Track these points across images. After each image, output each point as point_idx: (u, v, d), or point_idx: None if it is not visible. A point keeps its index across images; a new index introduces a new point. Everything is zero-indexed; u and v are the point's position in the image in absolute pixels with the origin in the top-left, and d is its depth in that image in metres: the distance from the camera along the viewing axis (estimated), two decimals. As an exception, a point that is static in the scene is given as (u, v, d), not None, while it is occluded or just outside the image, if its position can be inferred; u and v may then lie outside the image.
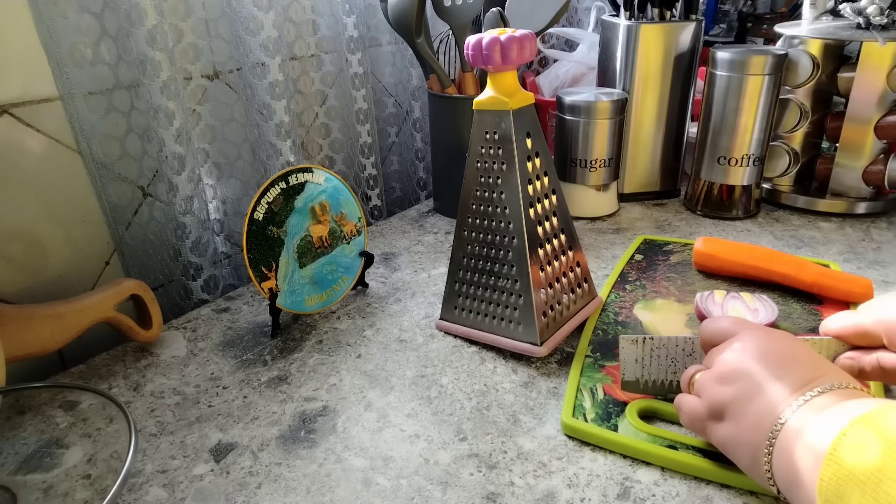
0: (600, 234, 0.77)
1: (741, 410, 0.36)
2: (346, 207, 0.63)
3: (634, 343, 0.44)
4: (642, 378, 0.45)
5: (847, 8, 0.75)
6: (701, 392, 0.39)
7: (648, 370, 0.45)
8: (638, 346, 0.44)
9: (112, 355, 0.57)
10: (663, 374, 0.44)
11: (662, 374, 0.45)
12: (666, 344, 0.44)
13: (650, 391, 0.46)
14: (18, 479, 0.41)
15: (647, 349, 0.44)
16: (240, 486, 0.42)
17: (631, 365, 0.45)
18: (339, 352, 0.56)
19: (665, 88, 0.81)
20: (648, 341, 0.44)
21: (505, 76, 0.50)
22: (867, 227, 0.76)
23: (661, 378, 0.45)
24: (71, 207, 0.58)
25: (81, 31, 0.55)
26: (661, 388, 0.45)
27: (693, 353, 0.44)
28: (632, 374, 0.45)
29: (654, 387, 0.45)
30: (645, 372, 0.45)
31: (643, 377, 0.45)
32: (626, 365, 0.45)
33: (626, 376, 0.45)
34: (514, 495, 0.40)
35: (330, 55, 0.79)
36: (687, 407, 0.40)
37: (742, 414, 0.36)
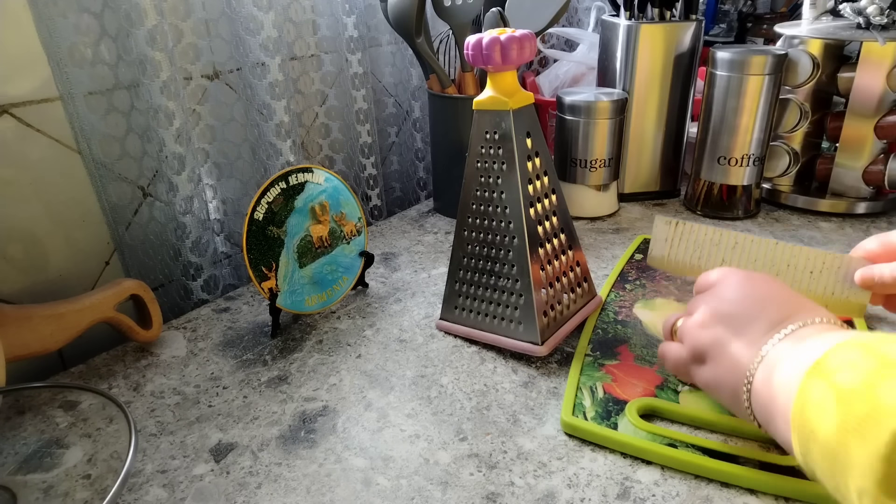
0: (600, 234, 0.77)
1: (721, 352, 0.37)
2: (346, 207, 0.63)
3: (668, 224, 0.47)
4: (668, 256, 0.47)
5: (847, 8, 0.75)
6: (683, 338, 0.41)
7: (675, 250, 0.47)
8: (670, 227, 0.47)
9: (112, 355, 0.57)
10: (688, 256, 0.47)
11: (687, 257, 0.47)
12: (696, 230, 0.46)
13: (671, 269, 0.48)
14: (18, 479, 0.41)
15: (679, 231, 0.46)
16: (240, 486, 0.42)
17: (660, 242, 0.47)
18: (339, 352, 0.56)
19: (665, 88, 0.81)
20: (680, 224, 0.46)
21: (505, 76, 0.50)
22: (867, 227, 0.76)
23: (685, 260, 0.47)
24: (71, 207, 0.58)
25: (81, 31, 0.55)
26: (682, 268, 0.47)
27: (719, 243, 0.46)
28: (659, 250, 0.47)
29: (677, 266, 0.47)
30: (672, 251, 0.47)
31: (669, 255, 0.47)
32: (656, 242, 0.47)
33: (653, 251, 0.48)
34: (514, 495, 0.40)
35: (330, 55, 0.79)
36: (671, 354, 0.42)
37: (721, 355, 0.37)
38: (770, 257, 0.45)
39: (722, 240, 0.45)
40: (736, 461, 0.40)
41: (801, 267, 0.44)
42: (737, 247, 0.45)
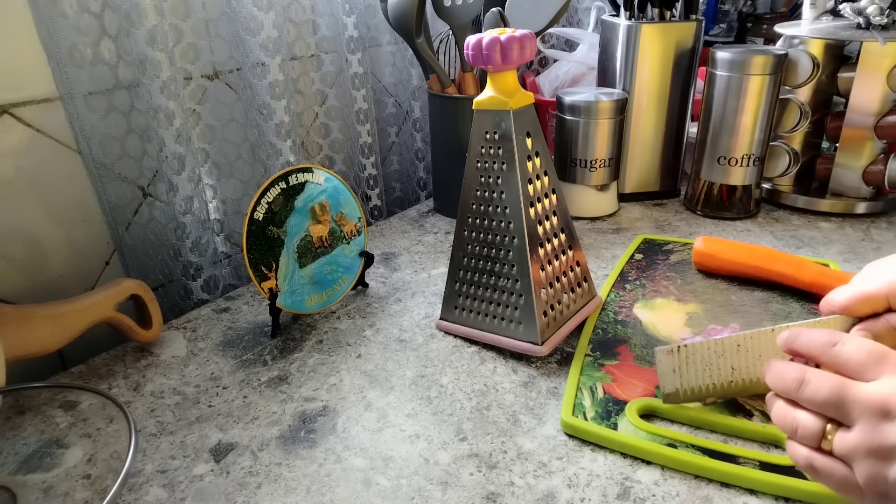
0: (600, 234, 0.77)
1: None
2: (346, 207, 0.63)
3: (670, 353, 0.44)
4: (681, 387, 0.45)
5: (847, 8, 0.75)
6: (852, 461, 0.31)
7: (686, 378, 0.45)
8: (674, 356, 0.44)
9: (112, 355, 0.57)
10: (700, 379, 0.44)
11: (699, 381, 0.44)
12: (699, 349, 0.44)
13: (690, 399, 0.45)
14: (18, 479, 0.41)
15: (683, 357, 0.44)
16: (240, 486, 0.42)
17: (669, 376, 0.45)
18: (339, 352, 0.56)
19: (665, 88, 0.81)
20: (683, 349, 0.44)
21: (505, 76, 0.50)
22: (867, 227, 0.76)
23: (698, 384, 0.45)
24: (71, 207, 0.58)
25: (81, 31, 0.55)
26: (699, 393, 0.45)
27: (724, 353, 0.44)
28: (671, 385, 0.45)
29: (693, 394, 0.45)
30: (683, 381, 0.45)
31: (682, 386, 0.45)
32: (665, 377, 0.45)
33: (666, 388, 0.45)
34: (514, 495, 0.40)
35: (330, 55, 0.79)
36: (838, 479, 0.32)
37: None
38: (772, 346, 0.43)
39: (725, 349, 0.44)
40: (736, 461, 0.40)
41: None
42: (741, 349, 0.43)
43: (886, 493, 0.30)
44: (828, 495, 0.38)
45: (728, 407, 0.45)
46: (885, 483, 0.29)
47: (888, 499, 0.30)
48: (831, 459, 0.32)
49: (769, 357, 0.43)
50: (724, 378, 0.44)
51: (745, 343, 0.43)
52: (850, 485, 0.31)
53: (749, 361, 0.44)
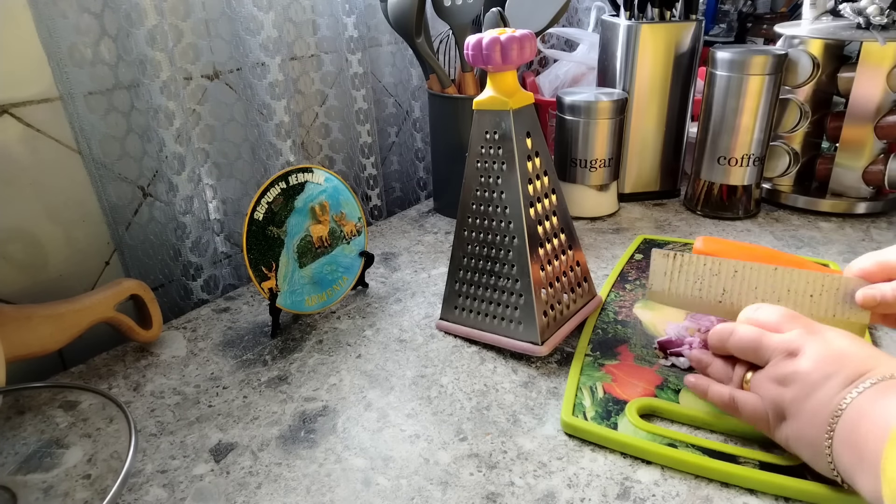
0: (600, 234, 0.77)
1: (799, 409, 0.37)
2: (346, 207, 0.63)
3: (665, 257, 0.46)
4: (668, 289, 0.47)
5: (847, 8, 0.75)
6: (759, 391, 0.40)
7: (676, 283, 0.47)
8: (668, 260, 0.46)
9: (112, 355, 0.57)
10: (688, 289, 0.47)
11: (688, 290, 0.47)
12: (695, 262, 0.46)
13: (672, 303, 0.47)
14: (18, 479, 0.41)
15: (677, 264, 0.46)
16: (240, 486, 0.42)
17: (660, 277, 0.47)
18: (339, 352, 0.56)
19: (665, 88, 0.81)
20: (679, 256, 0.46)
21: (505, 76, 0.50)
22: (867, 227, 0.76)
23: (685, 293, 0.47)
24: (71, 207, 0.58)
25: (81, 31, 0.55)
26: (684, 301, 0.47)
27: (719, 273, 0.46)
28: (659, 285, 0.47)
29: (678, 300, 0.47)
30: (672, 285, 0.47)
31: (669, 289, 0.47)
32: (655, 276, 0.47)
33: (653, 286, 0.47)
34: (514, 495, 0.40)
35: (330, 55, 0.79)
36: (749, 406, 0.41)
37: (800, 411, 0.37)
38: (770, 283, 0.45)
39: (721, 269, 0.46)
40: (736, 461, 0.40)
41: (801, 291, 0.44)
42: (736, 275, 0.45)
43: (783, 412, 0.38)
44: (828, 496, 0.38)
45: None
46: (782, 402, 0.38)
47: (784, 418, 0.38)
48: (747, 392, 0.41)
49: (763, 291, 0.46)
50: (712, 296, 0.46)
51: (742, 271, 0.46)
52: (759, 411, 0.40)
53: (742, 289, 0.46)
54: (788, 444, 0.39)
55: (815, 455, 0.37)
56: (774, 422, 0.39)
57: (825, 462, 0.36)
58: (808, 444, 0.37)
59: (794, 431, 0.38)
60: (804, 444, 0.37)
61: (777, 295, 0.45)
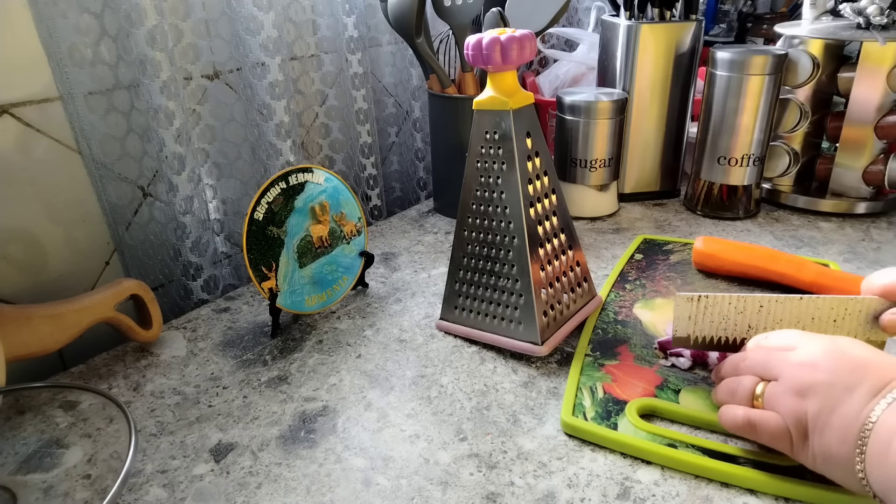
0: (600, 234, 0.77)
1: (826, 423, 0.35)
2: (346, 207, 0.63)
3: (689, 301, 0.45)
4: (693, 334, 0.46)
5: (847, 8, 0.75)
6: (777, 406, 0.38)
7: (700, 326, 0.46)
8: (693, 303, 0.45)
9: (112, 355, 0.57)
10: (713, 331, 0.46)
11: (713, 331, 0.46)
12: (720, 302, 0.45)
13: (699, 346, 0.47)
14: (18, 479, 0.41)
15: (701, 306, 0.45)
16: (240, 486, 0.42)
17: (684, 321, 0.46)
18: (339, 352, 0.56)
19: (665, 88, 0.81)
20: (703, 299, 0.45)
21: (505, 76, 0.50)
22: (867, 227, 0.76)
23: (711, 334, 0.46)
24: (71, 207, 0.58)
25: (81, 31, 0.55)
26: (710, 344, 0.46)
27: (744, 311, 0.45)
28: (684, 330, 0.46)
29: (704, 343, 0.46)
30: (696, 328, 0.46)
31: (694, 333, 0.46)
32: (679, 321, 0.46)
33: (678, 332, 0.46)
34: (514, 495, 0.40)
35: (330, 55, 0.79)
36: (769, 425, 0.38)
37: (827, 426, 0.35)
38: (795, 314, 0.44)
39: (746, 306, 0.44)
40: (736, 461, 0.40)
41: (826, 318, 0.44)
42: (762, 310, 0.44)
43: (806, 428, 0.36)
44: (828, 496, 0.38)
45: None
46: (804, 416, 0.36)
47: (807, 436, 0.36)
48: (765, 411, 0.39)
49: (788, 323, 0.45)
50: (738, 334, 0.46)
51: (767, 305, 0.45)
52: (780, 429, 0.37)
53: (768, 324, 0.45)
54: (816, 465, 0.36)
55: (846, 474, 0.34)
56: (798, 440, 0.37)
57: (857, 481, 0.34)
58: (839, 464, 0.35)
59: (821, 450, 0.35)
60: (834, 463, 0.35)
61: (802, 324, 0.44)
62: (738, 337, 0.45)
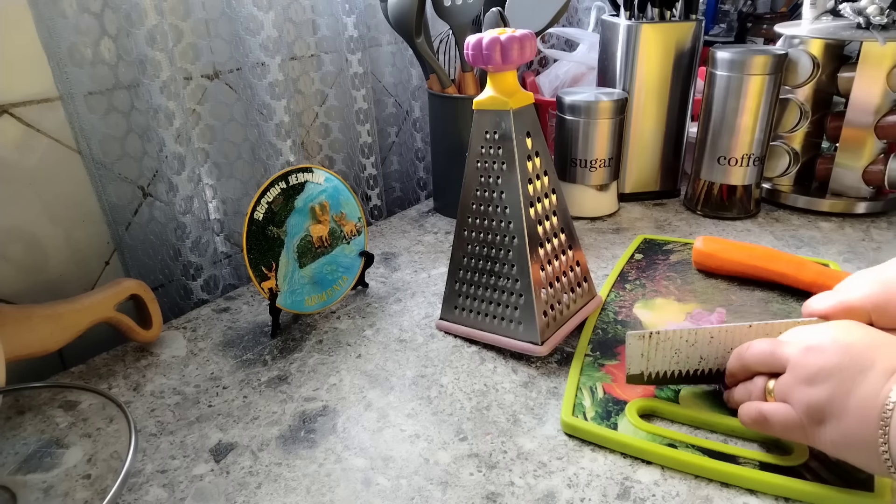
0: (600, 234, 0.77)
1: (842, 407, 0.34)
2: (346, 207, 0.63)
3: (641, 339, 0.45)
4: (646, 370, 0.46)
5: (847, 8, 0.75)
6: (788, 398, 0.38)
7: (653, 363, 0.45)
8: (644, 341, 0.45)
9: (112, 355, 0.57)
10: (666, 365, 0.45)
11: (666, 366, 0.45)
12: (671, 337, 0.45)
13: (653, 382, 0.46)
14: (18, 479, 0.41)
15: (653, 343, 0.45)
16: (240, 486, 0.42)
17: (636, 359, 0.45)
18: (339, 352, 0.56)
19: (665, 88, 0.81)
20: (654, 336, 0.45)
21: (505, 76, 0.50)
22: (867, 227, 0.76)
23: (664, 369, 0.46)
24: (71, 207, 0.58)
25: (81, 31, 0.55)
26: (664, 378, 0.46)
27: (696, 343, 0.45)
28: (637, 367, 0.46)
29: (657, 378, 0.46)
30: (650, 365, 0.46)
31: (647, 370, 0.46)
32: (632, 360, 0.46)
33: (631, 370, 0.46)
34: (514, 495, 0.40)
35: (330, 55, 0.79)
36: (779, 416, 0.38)
37: (843, 411, 0.34)
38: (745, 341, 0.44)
39: (697, 338, 0.44)
40: (736, 461, 0.40)
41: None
42: (713, 340, 0.44)
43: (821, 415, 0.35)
44: (828, 496, 0.38)
45: (729, 407, 0.45)
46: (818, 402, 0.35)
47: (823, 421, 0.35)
48: (774, 403, 0.39)
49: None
50: (690, 366, 0.46)
51: (718, 335, 0.45)
52: (791, 419, 0.37)
53: (719, 353, 0.45)
54: (836, 450, 0.36)
55: (869, 457, 0.34)
56: (812, 427, 0.36)
57: (881, 463, 0.33)
58: (860, 447, 0.34)
59: (840, 435, 0.35)
60: (855, 447, 0.34)
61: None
62: (690, 369, 0.45)
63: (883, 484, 0.38)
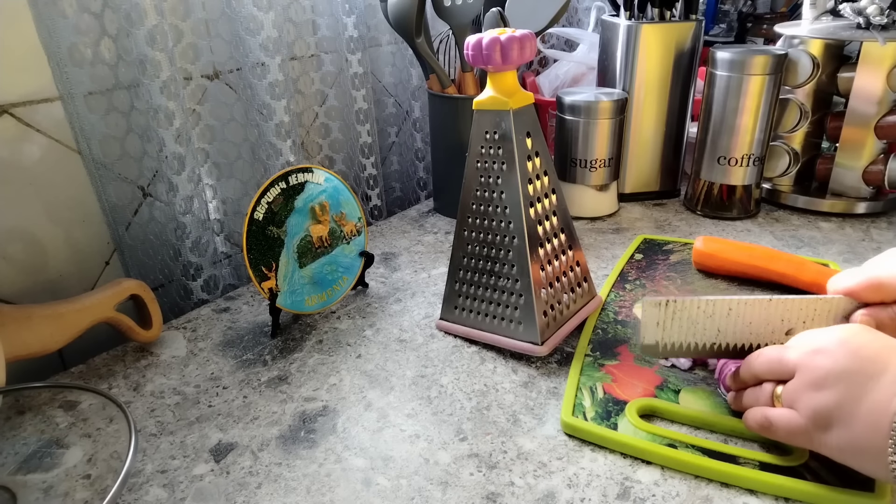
0: (600, 234, 0.77)
1: (851, 413, 0.34)
2: (346, 207, 0.63)
3: (657, 306, 0.43)
4: (662, 341, 0.44)
5: (847, 8, 0.75)
6: (794, 403, 0.37)
7: (669, 333, 0.43)
8: (661, 308, 0.43)
9: (112, 355, 0.57)
10: (682, 336, 0.43)
11: (682, 337, 0.43)
12: (688, 306, 0.43)
13: (668, 354, 0.45)
14: (18, 479, 0.41)
15: (670, 311, 0.43)
16: (240, 486, 0.42)
17: (651, 328, 0.43)
18: (339, 352, 0.56)
19: (665, 88, 0.81)
20: (671, 303, 0.42)
21: (505, 76, 0.50)
22: (867, 227, 0.76)
23: (680, 340, 0.43)
24: (71, 207, 0.58)
25: (81, 31, 0.55)
26: (679, 350, 0.44)
27: (713, 315, 0.43)
28: (652, 337, 0.43)
29: (673, 349, 0.44)
30: (665, 335, 0.43)
31: (663, 340, 0.43)
32: (647, 328, 0.43)
33: (646, 339, 0.44)
34: (514, 495, 0.40)
35: (330, 55, 0.79)
36: (784, 421, 0.38)
37: (853, 417, 0.34)
38: (765, 316, 0.43)
39: (715, 310, 0.43)
40: (736, 461, 0.40)
41: (795, 319, 0.43)
42: (731, 313, 0.43)
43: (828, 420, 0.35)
44: (828, 496, 0.38)
45: (728, 407, 0.45)
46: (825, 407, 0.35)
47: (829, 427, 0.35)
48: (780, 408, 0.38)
49: (758, 326, 0.43)
50: (707, 339, 0.44)
51: (736, 308, 0.43)
52: (796, 424, 0.37)
53: (737, 326, 0.43)
54: (842, 456, 0.36)
55: (876, 465, 0.34)
56: (817, 433, 0.36)
57: (888, 472, 0.32)
58: (868, 454, 0.34)
59: (847, 441, 0.34)
60: (863, 454, 0.34)
61: (771, 326, 0.43)
62: (706, 342, 0.44)
63: (883, 484, 0.38)
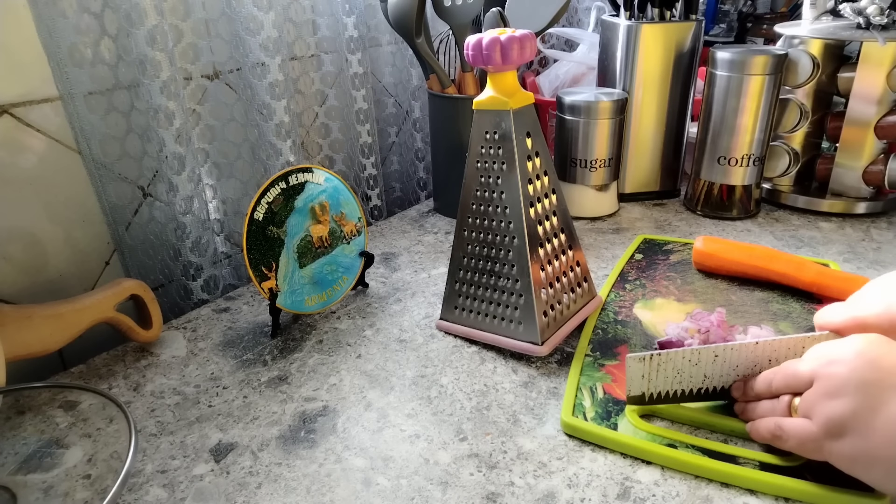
0: (600, 234, 0.77)
1: (867, 423, 0.33)
2: (346, 207, 0.63)
3: (641, 361, 0.44)
4: (648, 391, 0.45)
5: (847, 8, 0.75)
6: (810, 412, 0.37)
7: (655, 383, 0.44)
8: (645, 363, 0.44)
9: (112, 355, 0.57)
10: (668, 385, 0.45)
11: (668, 386, 0.45)
12: (673, 358, 0.44)
13: (654, 402, 0.45)
14: (18, 479, 0.41)
15: (655, 364, 0.44)
16: (240, 486, 0.42)
17: (637, 381, 0.45)
18: (339, 352, 0.56)
19: (665, 88, 0.81)
20: (655, 357, 0.44)
21: (505, 76, 0.50)
22: (867, 227, 0.76)
23: (666, 389, 0.45)
24: (71, 207, 0.58)
25: (81, 31, 0.55)
26: (666, 398, 0.45)
27: (699, 363, 0.44)
28: (638, 389, 0.45)
29: (660, 398, 0.45)
30: (651, 385, 0.45)
31: (649, 390, 0.45)
32: (633, 381, 0.45)
33: (632, 391, 0.45)
34: (514, 495, 0.40)
35: (330, 55, 0.79)
36: (796, 430, 0.37)
37: (868, 427, 0.33)
38: (751, 358, 0.43)
39: (701, 358, 0.44)
40: (736, 461, 0.40)
41: (783, 358, 0.43)
42: (717, 360, 0.43)
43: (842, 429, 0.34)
44: (828, 496, 0.38)
45: (728, 408, 0.45)
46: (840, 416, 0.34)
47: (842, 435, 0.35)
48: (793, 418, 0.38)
49: (744, 368, 0.44)
50: (694, 384, 0.45)
51: (722, 354, 0.43)
52: (807, 433, 0.36)
53: (724, 371, 0.44)
54: (852, 466, 0.35)
55: (886, 478, 0.33)
56: (828, 441, 0.35)
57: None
58: (881, 466, 0.33)
59: (861, 451, 0.34)
60: (876, 464, 0.34)
61: (759, 367, 0.43)
62: (693, 388, 0.45)
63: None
